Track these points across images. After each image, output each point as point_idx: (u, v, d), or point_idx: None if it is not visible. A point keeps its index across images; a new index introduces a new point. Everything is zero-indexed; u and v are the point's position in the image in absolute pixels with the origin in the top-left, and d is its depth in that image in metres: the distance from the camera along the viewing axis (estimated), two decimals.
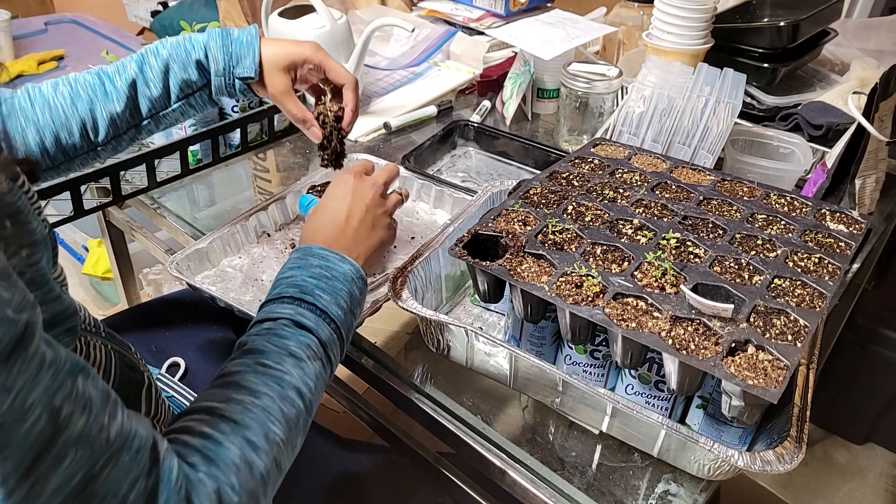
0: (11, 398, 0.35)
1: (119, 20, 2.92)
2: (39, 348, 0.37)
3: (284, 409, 0.54)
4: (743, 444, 0.68)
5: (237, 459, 0.49)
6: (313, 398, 0.57)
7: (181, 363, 0.86)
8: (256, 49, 0.78)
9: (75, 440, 0.38)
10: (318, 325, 0.61)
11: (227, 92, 0.80)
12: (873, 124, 0.97)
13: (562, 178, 0.88)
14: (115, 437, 0.41)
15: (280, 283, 0.64)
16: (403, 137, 1.28)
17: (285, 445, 0.53)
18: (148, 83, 0.76)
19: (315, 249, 0.67)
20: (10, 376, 0.35)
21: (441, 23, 1.60)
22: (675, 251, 0.73)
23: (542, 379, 0.71)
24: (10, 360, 0.35)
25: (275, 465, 0.52)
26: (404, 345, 0.86)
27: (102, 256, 1.86)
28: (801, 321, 0.64)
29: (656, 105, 1.06)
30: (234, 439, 0.49)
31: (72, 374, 0.39)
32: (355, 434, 1.03)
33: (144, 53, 0.77)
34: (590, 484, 0.68)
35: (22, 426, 0.36)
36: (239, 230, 0.94)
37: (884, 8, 2.18)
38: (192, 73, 0.77)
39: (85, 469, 0.39)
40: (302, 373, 0.57)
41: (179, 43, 0.77)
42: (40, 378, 0.37)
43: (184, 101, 0.79)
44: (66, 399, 0.38)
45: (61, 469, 0.37)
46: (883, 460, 1.59)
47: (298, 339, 0.59)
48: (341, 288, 0.65)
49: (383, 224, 0.77)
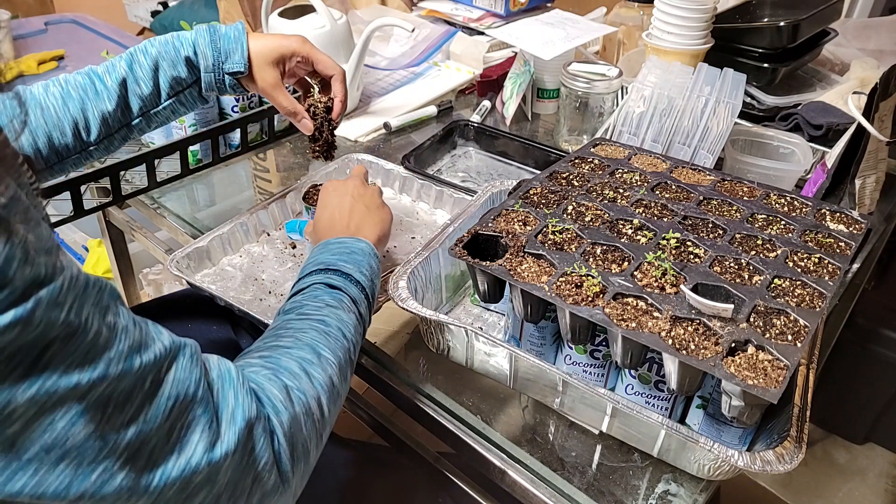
0: (65, 312, 0.38)
1: (119, 20, 2.92)
2: (80, 273, 0.40)
3: (331, 342, 0.59)
4: (743, 444, 0.68)
5: (297, 369, 0.54)
6: (354, 343, 0.63)
7: None
8: (244, 44, 0.79)
9: (136, 348, 0.41)
10: (345, 285, 0.66)
11: (216, 88, 0.81)
12: (873, 124, 0.97)
13: (562, 178, 0.88)
14: (169, 345, 0.44)
15: (305, 269, 0.69)
16: (403, 137, 1.28)
17: (338, 369, 0.58)
18: (138, 81, 0.77)
19: (332, 240, 0.72)
20: (60, 292, 0.37)
21: (441, 23, 1.60)
22: (675, 251, 0.73)
23: (542, 379, 0.71)
24: (54, 279, 0.37)
25: (331, 382, 0.57)
26: (404, 345, 0.86)
27: (102, 256, 1.86)
28: (801, 321, 0.64)
29: (656, 105, 1.06)
30: (292, 356, 0.55)
31: (112, 297, 0.42)
32: (355, 434, 1.03)
33: (133, 52, 0.78)
34: (590, 484, 0.68)
35: (84, 337, 0.38)
36: (239, 229, 0.94)
37: (884, 8, 2.17)
38: (181, 70, 0.78)
39: (153, 373, 0.42)
40: (340, 318, 0.62)
41: (168, 41, 0.78)
42: (87, 295, 0.39)
43: (174, 98, 0.80)
44: (117, 316, 0.41)
45: (130, 373, 0.41)
46: (883, 460, 1.59)
47: (332, 295, 0.64)
48: (361, 260, 0.70)
49: (377, 204, 0.80)
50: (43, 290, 0.36)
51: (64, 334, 0.37)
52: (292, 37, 0.83)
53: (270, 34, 0.83)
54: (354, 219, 0.76)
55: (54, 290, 0.37)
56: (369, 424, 0.96)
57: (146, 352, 0.42)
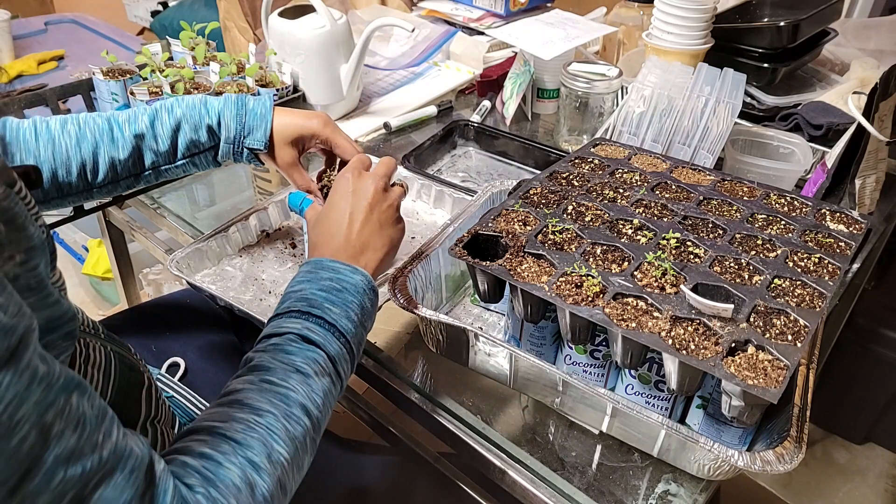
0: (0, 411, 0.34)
1: (119, 20, 2.92)
2: (32, 361, 0.36)
3: (289, 428, 0.52)
4: (743, 444, 0.68)
5: (238, 480, 0.47)
6: (321, 416, 0.56)
7: (181, 363, 0.86)
8: (269, 122, 0.79)
9: (66, 458, 0.37)
10: (326, 339, 0.59)
11: (233, 158, 0.81)
12: (873, 124, 0.97)
13: (562, 178, 0.88)
14: (109, 456, 0.40)
15: (289, 297, 0.62)
16: (403, 137, 1.28)
17: (290, 466, 0.52)
18: (157, 138, 0.77)
19: (326, 262, 0.65)
20: (1, 387, 0.34)
21: (441, 23, 1.60)
22: (675, 251, 0.73)
23: (542, 379, 0.71)
24: (1, 370, 0.34)
25: (279, 487, 0.50)
26: (404, 345, 0.86)
27: (102, 256, 1.86)
28: (801, 321, 0.64)
29: (656, 105, 1.06)
30: (235, 459, 0.48)
31: (65, 389, 0.38)
32: (355, 434, 1.03)
33: (158, 108, 0.78)
34: (590, 484, 0.68)
35: (10, 441, 0.35)
36: (239, 229, 0.94)
37: (884, 8, 2.17)
38: (202, 135, 0.78)
39: (76, 489, 0.38)
40: (308, 389, 0.55)
41: (195, 105, 0.78)
42: (31, 392, 0.36)
43: (188, 159, 0.80)
44: (58, 416, 0.37)
45: (51, 488, 0.36)
46: (883, 460, 1.59)
47: (305, 355, 0.57)
48: (352, 300, 0.63)
49: (391, 220, 0.72)
50: None
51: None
52: (315, 117, 0.81)
53: (296, 111, 0.81)
54: (362, 235, 0.69)
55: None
56: (369, 424, 0.96)
57: (75, 464, 0.38)
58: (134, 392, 0.64)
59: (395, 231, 0.73)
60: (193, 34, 1.27)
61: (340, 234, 0.69)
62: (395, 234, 0.72)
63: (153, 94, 1.13)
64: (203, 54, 1.23)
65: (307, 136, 0.81)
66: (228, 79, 1.17)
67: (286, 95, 1.21)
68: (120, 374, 0.62)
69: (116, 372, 0.62)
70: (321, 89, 1.25)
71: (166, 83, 1.11)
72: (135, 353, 0.68)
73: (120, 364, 0.63)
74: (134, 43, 1.81)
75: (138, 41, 1.84)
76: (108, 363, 0.61)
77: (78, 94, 1.22)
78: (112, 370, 0.61)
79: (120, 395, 0.61)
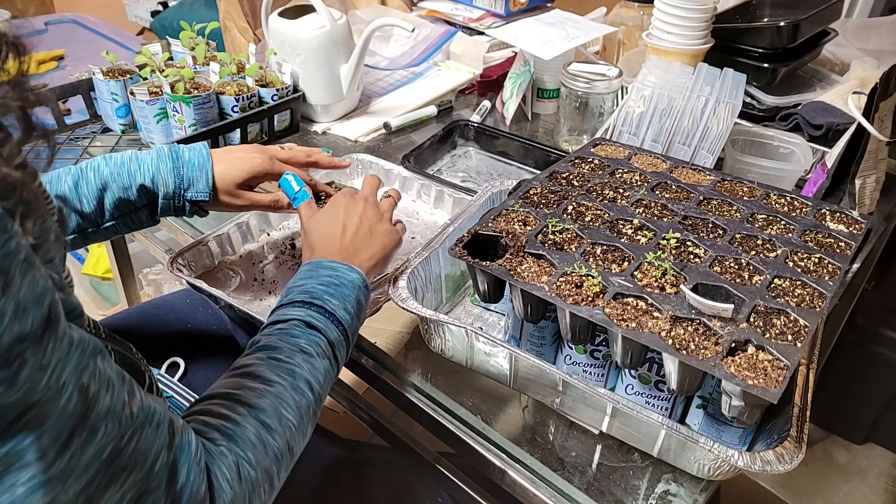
0: (48, 376, 0.37)
1: (119, 20, 2.93)
2: (66, 329, 0.39)
3: (296, 398, 0.57)
4: (743, 444, 0.68)
5: (253, 438, 0.52)
6: (322, 392, 0.61)
7: (181, 363, 0.86)
8: (209, 171, 0.78)
9: (104, 415, 0.41)
10: (326, 326, 0.64)
11: (174, 212, 0.80)
12: (873, 124, 0.97)
13: (562, 178, 0.88)
14: (138, 412, 0.43)
15: (291, 291, 0.67)
16: (403, 137, 1.28)
17: (297, 430, 0.57)
18: (81, 198, 0.74)
19: (325, 262, 0.70)
20: (45, 355, 0.37)
21: (441, 23, 1.60)
22: (675, 251, 0.73)
23: (542, 379, 0.71)
24: (42, 339, 0.37)
25: (287, 448, 0.55)
26: (404, 345, 0.86)
27: (102, 256, 1.86)
28: (801, 321, 0.64)
29: (656, 105, 1.06)
30: (251, 420, 0.53)
31: (94, 354, 0.41)
32: (356, 434, 1.03)
33: (84, 168, 0.75)
34: (590, 484, 0.68)
35: (58, 402, 0.38)
36: (239, 229, 0.94)
37: (884, 8, 2.17)
38: (131, 193, 0.76)
39: (114, 441, 0.41)
40: (311, 367, 0.60)
41: (123, 162, 0.76)
42: (70, 357, 0.39)
43: (118, 220, 0.78)
44: (92, 377, 0.40)
45: (94, 442, 0.40)
46: (883, 460, 1.59)
47: (309, 338, 0.62)
48: (349, 294, 0.67)
49: (381, 231, 0.77)
50: (28, 351, 0.36)
51: (44, 399, 0.37)
52: (258, 154, 0.81)
53: (235, 153, 0.80)
54: (354, 242, 0.74)
55: (39, 353, 0.37)
56: (369, 424, 0.96)
57: (112, 419, 0.41)
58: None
59: (388, 239, 0.77)
60: (193, 34, 1.27)
61: (335, 240, 0.74)
62: (386, 241, 0.77)
63: (153, 94, 1.13)
64: (203, 54, 1.23)
65: (257, 177, 0.82)
66: (228, 79, 1.17)
67: (286, 95, 1.21)
68: None
69: None
70: (321, 89, 1.25)
71: (166, 83, 1.11)
72: (136, 353, 0.68)
73: (121, 363, 0.63)
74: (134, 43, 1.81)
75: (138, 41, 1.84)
76: None
77: (78, 94, 1.23)
78: None
79: None
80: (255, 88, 1.18)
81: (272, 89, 1.20)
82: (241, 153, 0.82)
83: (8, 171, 0.37)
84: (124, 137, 1.23)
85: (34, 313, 0.37)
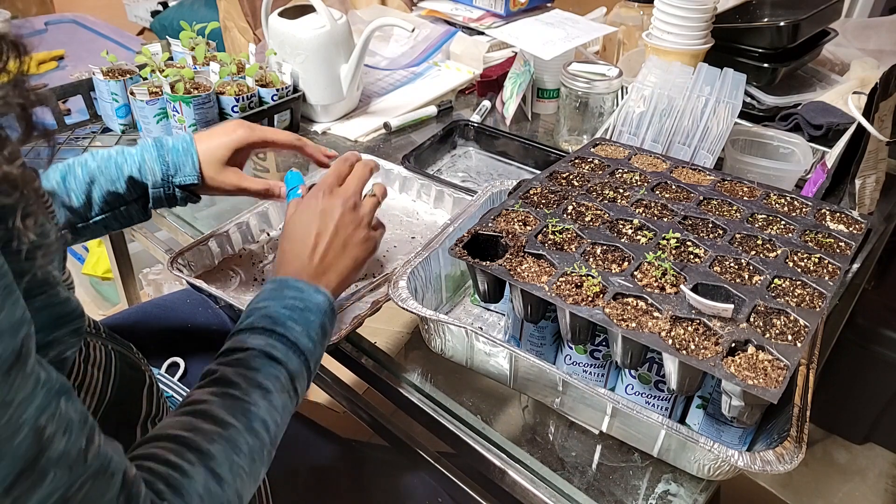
0: (9, 413, 0.35)
1: (119, 20, 2.93)
2: (34, 365, 0.38)
3: (249, 441, 0.54)
4: (743, 444, 0.68)
5: (201, 489, 0.49)
6: (278, 430, 0.58)
7: (181, 363, 0.86)
8: (194, 153, 0.77)
9: (56, 461, 0.38)
10: (287, 357, 0.60)
11: (166, 202, 0.79)
12: (873, 124, 0.97)
13: (562, 178, 0.88)
14: (92, 460, 0.41)
15: (253, 313, 0.63)
16: (403, 137, 1.28)
17: (248, 477, 0.53)
18: (69, 193, 0.73)
19: (290, 282, 0.66)
20: (10, 390, 0.35)
21: (441, 23, 1.60)
22: (675, 251, 0.73)
23: (542, 379, 0.71)
24: (10, 374, 0.36)
25: (236, 496, 0.52)
26: (404, 345, 0.86)
27: (102, 256, 1.86)
28: (801, 321, 0.64)
29: (656, 105, 1.06)
30: (200, 469, 0.50)
31: (59, 394, 0.39)
32: (355, 434, 1.03)
33: (72, 163, 0.74)
34: (590, 484, 0.68)
35: (13, 442, 0.36)
36: (239, 229, 0.94)
37: (884, 8, 2.17)
38: (120, 186, 0.75)
39: (62, 489, 0.39)
40: (269, 405, 0.57)
41: (111, 157, 0.75)
42: (34, 395, 0.37)
43: (107, 214, 0.76)
44: (51, 419, 0.38)
45: (42, 487, 0.38)
46: (883, 460, 1.59)
47: (268, 371, 0.58)
48: (313, 320, 0.64)
49: (357, 241, 0.72)
50: None
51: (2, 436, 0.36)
52: (238, 127, 0.80)
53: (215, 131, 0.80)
54: (326, 258, 0.70)
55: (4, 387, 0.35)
56: (369, 425, 0.96)
57: (63, 466, 0.39)
58: (135, 390, 0.64)
59: (361, 250, 0.73)
60: (193, 34, 1.27)
61: (305, 254, 0.69)
62: (359, 253, 0.73)
63: (153, 94, 1.13)
64: (203, 54, 1.23)
65: (240, 148, 0.80)
66: (228, 79, 1.17)
67: (286, 95, 1.21)
68: (120, 373, 0.62)
69: (117, 371, 0.62)
70: (321, 89, 1.25)
71: (166, 83, 1.11)
72: (136, 352, 0.68)
73: (121, 363, 0.63)
74: (134, 43, 1.82)
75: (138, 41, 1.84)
76: (109, 362, 0.61)
77: (78, 94, 1.23)
78: (112, 369, 0.61)
79: (121, 394, 0.62)
80: (255, 88, 1.18)
81: (272, 89, 1.20)
82: (221, 129, 0.81)
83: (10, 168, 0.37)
84: (124, 137, 1.23)
85: (7, 342, 0.35)
